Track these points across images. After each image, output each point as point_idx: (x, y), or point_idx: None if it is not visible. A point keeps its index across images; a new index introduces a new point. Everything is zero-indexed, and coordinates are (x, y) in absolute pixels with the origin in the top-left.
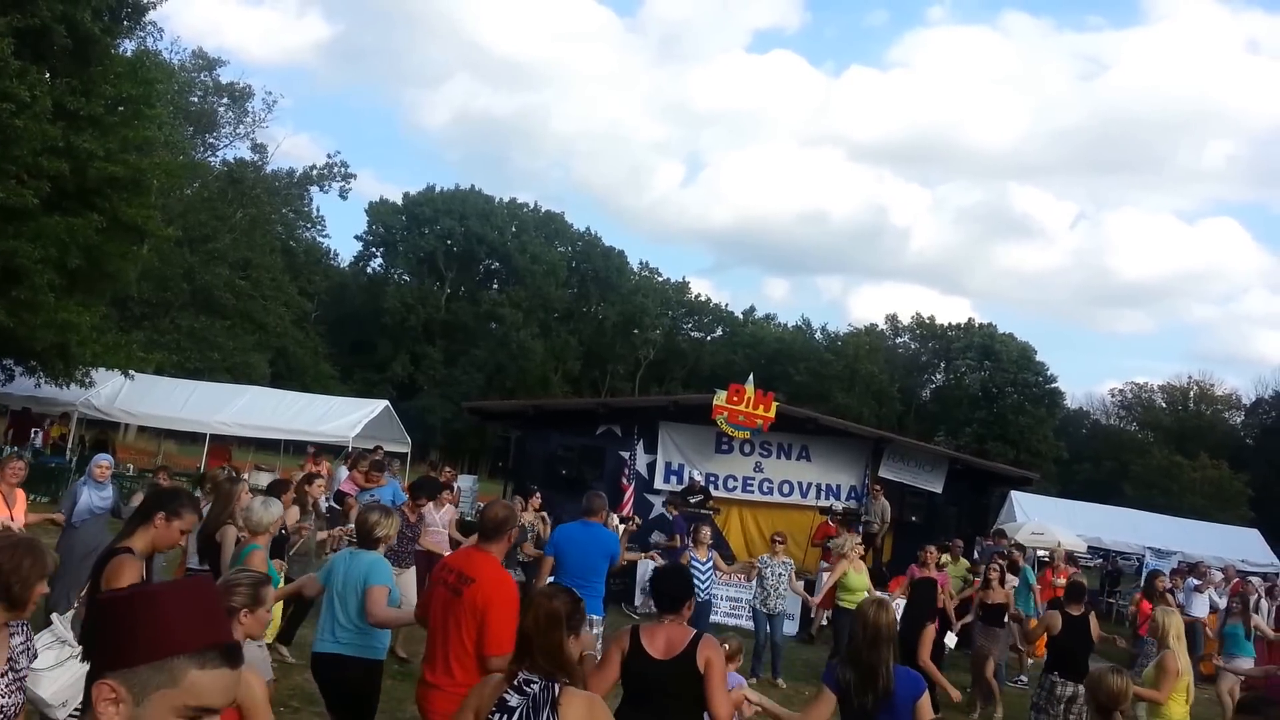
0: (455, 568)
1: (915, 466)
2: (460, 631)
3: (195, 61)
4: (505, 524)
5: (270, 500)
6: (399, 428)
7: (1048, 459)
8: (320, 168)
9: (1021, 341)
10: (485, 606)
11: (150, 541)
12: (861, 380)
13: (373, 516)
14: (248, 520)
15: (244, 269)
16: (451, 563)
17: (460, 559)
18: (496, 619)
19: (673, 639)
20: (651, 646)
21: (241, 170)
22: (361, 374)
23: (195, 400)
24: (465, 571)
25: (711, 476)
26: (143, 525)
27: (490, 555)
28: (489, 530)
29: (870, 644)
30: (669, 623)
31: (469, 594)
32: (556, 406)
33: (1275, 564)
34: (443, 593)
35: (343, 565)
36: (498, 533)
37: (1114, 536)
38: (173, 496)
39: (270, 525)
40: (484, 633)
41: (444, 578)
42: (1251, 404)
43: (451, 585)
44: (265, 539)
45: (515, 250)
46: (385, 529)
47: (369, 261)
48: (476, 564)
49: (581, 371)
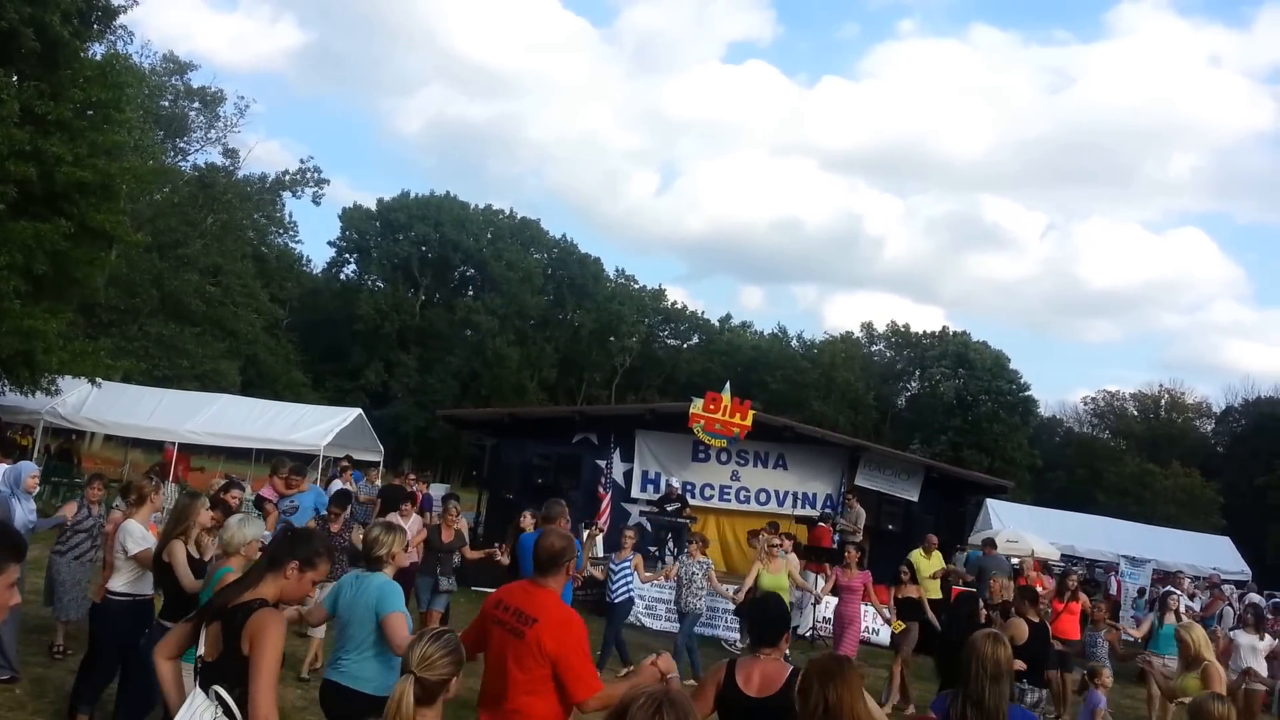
0: (512, 605)
1: (891, 475)
2: (529, 675)
3: (166, 65)
4: (562, 555)
5: (249, 518)
6: (372, 436)
7: (1022, 467)
8: (293, 173)
9: (995, 350)
10: (556, 651)
11: (279, 593)
12: (837, 388)
13: (374, 533)
14: (222, 539)
15: (214, 275)
16: (507, 599)
17: (517, 595)
18: (572, 661)
19: (769, 675)
20: (746, 684)
21: (212, 175)
22: (334, 382)
23: (163, 409)
24: (525, 610)
25: (688, 485)
26: (272, 573)
27: (550, 590)
28: (545, 562)
29: (992, 680)
30: (765, 657)
31: (532, 635)
32: (532, 414)
33: (1246, 571)
34: (500, 632)
35: (349, 590)
36: (554, 565)
37: (1087, 544)
38: (307, 542)
39: (246, 546)
40: (564, 679)
41: (499, 616)
42: (1222, 412)
43: (510, 625)
44: (239, 561)
45: (491, 257)
46: (388, 546)
47: (342, 268)
48: (539, 602)
49: (557, 379)
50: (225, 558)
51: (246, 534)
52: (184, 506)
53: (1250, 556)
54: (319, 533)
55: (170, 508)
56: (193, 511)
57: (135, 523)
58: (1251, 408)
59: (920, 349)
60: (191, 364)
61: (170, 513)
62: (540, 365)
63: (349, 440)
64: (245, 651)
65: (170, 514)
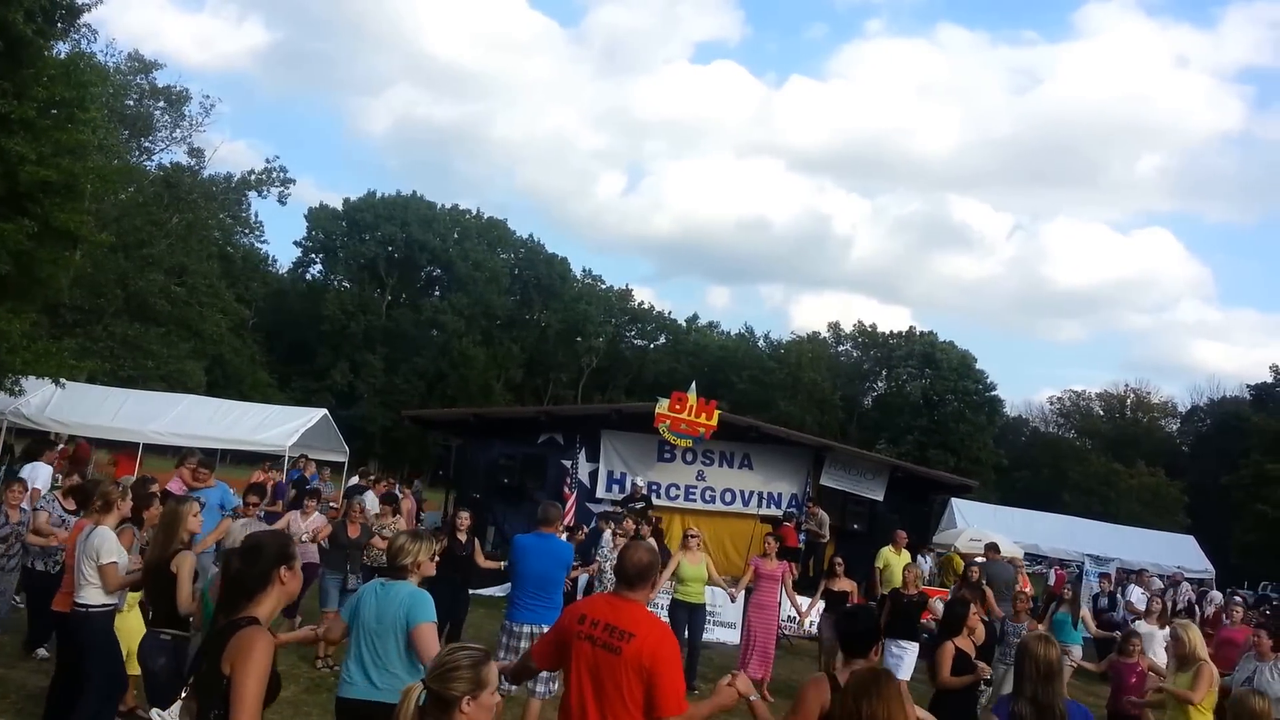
0: (601, 620)
1: (856, 474)
2: (622, 693)
3: (131, 64)
4: (650, 569)
5: (250, 524)
6: (337, 436)
7: (988, 466)
8: (259, 173)
9: (962, 350)
10: (653, 665)
11: (275, 605)
12: (804, 388)
13: (400, 540)
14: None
15: (179, 275)
16: (592, 614)
17: (605, 610)
18: (668, 676)
19: None
20: None
21: (178, 175)
22: (300, 382)
23: (128, 409)
24: (618, 625)
25: (654, 485)
26: (263, 589)
27: (639, 604)
28: (634, 577)
29: (1045, 679)
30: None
31: (631, 651)
32: (498, 415)
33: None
34: (588, 649)
35: (373, 599)
36: (642, 580)
37: (1052, 543)
38: (284, 541)
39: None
40: (656, 693)
41: (586, 631)
42: (1187, 412)
43: (601, 641)
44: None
45: (457, 257)
46: (413, 555)
47: (308, 268)
48: (632, 616)
49: (524, 379)
50: None
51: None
52: (175, 512)
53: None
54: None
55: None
56: (185, 517)
57: (109, 530)
58: (1216, 407)
59: (887, 349)
60: (156, 364)
61: (161, 520)
62: (507, 365)
63: (314, 441)
64: (225, 671)
65: (162, 522)
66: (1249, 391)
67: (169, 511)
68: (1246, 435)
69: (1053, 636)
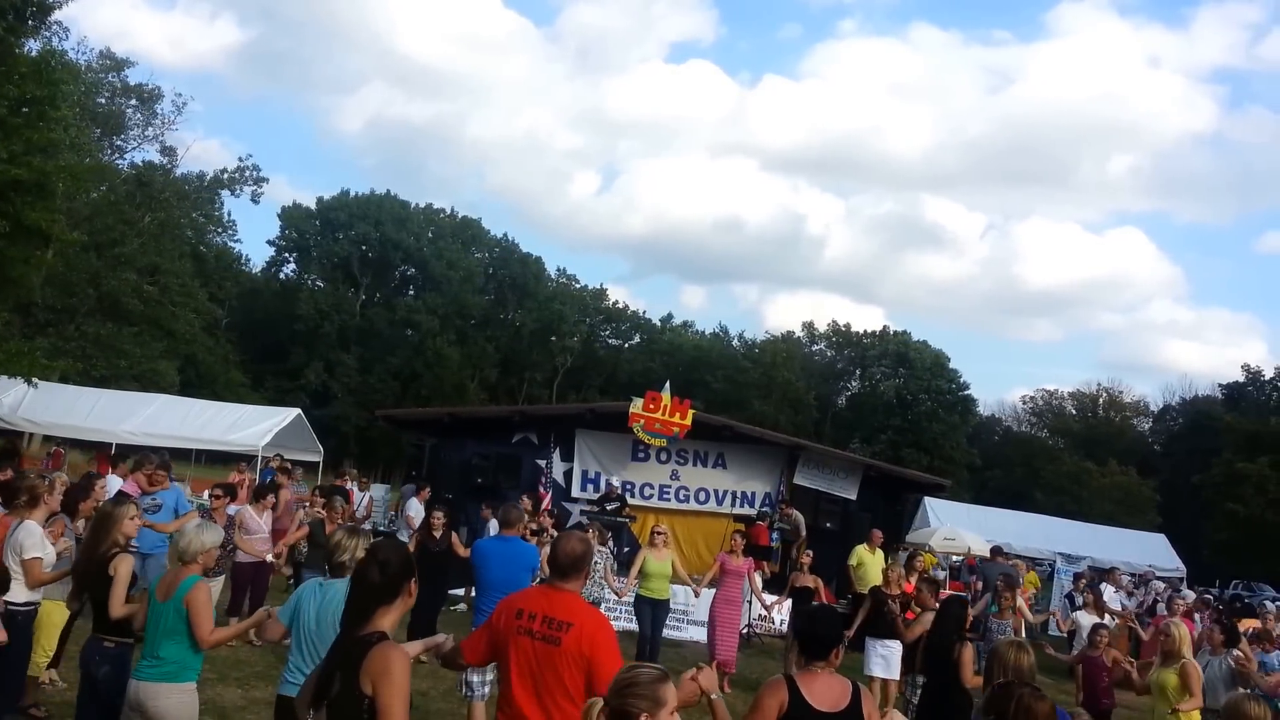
0: (538, 612)
1: (830, 474)
2: (564, 682)
3: (102, 62)
4: (584, 560)
5: (206, 524)
6: (311, 436)
7: (961, 465)
8: (231, 171)
9: (935, 349)
10: (592, 652)
11: (398, 618)
12: (778, 388)
13: (337, 537)
14: (179, 546)
15: (152, 274)
16: (529, 606)
17: (539, 602)
18: (606, 662)
19: (833, 689)
20: (813, 698)
21: (150, 173)
22: (273, 382)
23: (101, 409)
24: (555, 616)
25: (628, 484)
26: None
27: (574, 594)
28: (567, 567)
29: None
30: (822, 671)
31: (569, 641)
32: (472, 414)
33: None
34: (527, 642)
35: (313, 599)
36: (576, 570)
37: (1025, 542)
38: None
39: (205, 552)
40: (595, 679)
41: (524, 625)
42: (1159, 411)
43: (540, 633)
44: (198, 569)
45: (431, 256)
46: (350, 551)
47: (281, 267)
48: (567, 607)
49: (498, 379)
50: (185, 566)
51: (204, 540)
52: (108, 515)
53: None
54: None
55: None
56: (120, 519)
57: (35, 525)
58: (1188, 406)
59: (861, 348)
60: (129, 364)
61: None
62: (481, 365)
63: (288, 440)
64: (367, 691)
65: (97, 522)
66: (1221, 391)
67: (101, 513)
68: (1218, 434)
69: (1025, 642)
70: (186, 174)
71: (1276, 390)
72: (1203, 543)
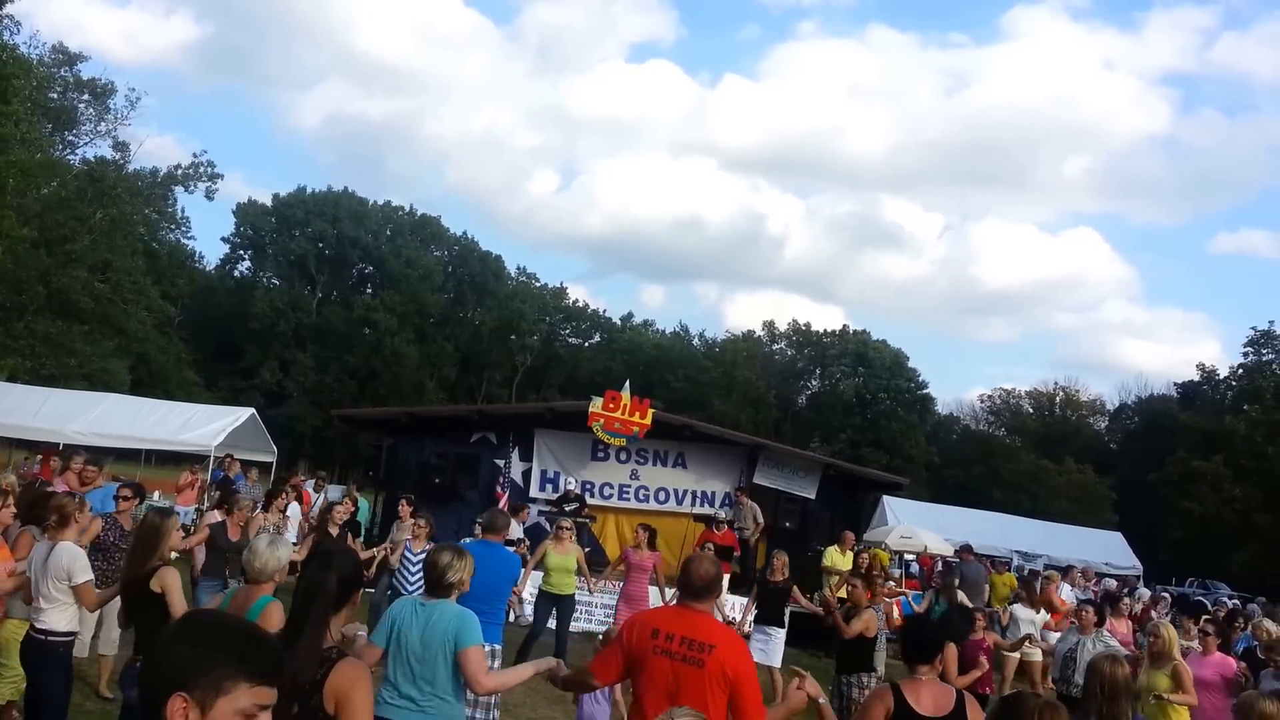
0: (675, 633)
1: (789, 473)
2: (704, 702)
3: (55, 56)
4: (717, 581)
5: (277, 539)
6: (265, 436)
7: (919, 464)
8: (185, 167)
9: (894, 348)
10: (736, 676)
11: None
12: (739, 387)
13: (444, 558)
14: (250, 565)
15: (103, 272)
16: (663, 627)
17: (676, 622)
18: (749, 686)
19: (937, 695)
20: (918, 704)
21: (102, 169)
22: (227, 381)
23: (49, 408)
24: (696, 638)
25: (588, 484)
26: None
27: (708, 614)
28: (701, 589)
29: (1110, 699)
30: (925, 677)
31: (714, 662)
32: (430, 414)
33: (1137, 566)
34: (666, 663)
35: (414, 620)
36: (710, 591)
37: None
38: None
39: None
40: (740, 703)
41: (662, 646)
42: (1115, 409)
43: (680, 654)
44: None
45: (390, 254)
46: (460, 572)
47: (236, 264)
48: (707, 628)
49: (457, 378)
50: (258, 586)
51: (280, 556)
52: (157, 527)
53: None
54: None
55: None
56: (168, 532)
57: (74, 545)
58: (1144, 405)
59: (821, 348)
60: (79, 362)
61: (140, 534)
62: (440, 364)
63: (241, 440)
64: (330, 710)
65: (141, 536)
66: (1176, 390)
67: (148, 525)
68: (1174, 433)
69: (1119, 656)
70: (139, 170)
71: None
72: (1159, 541)
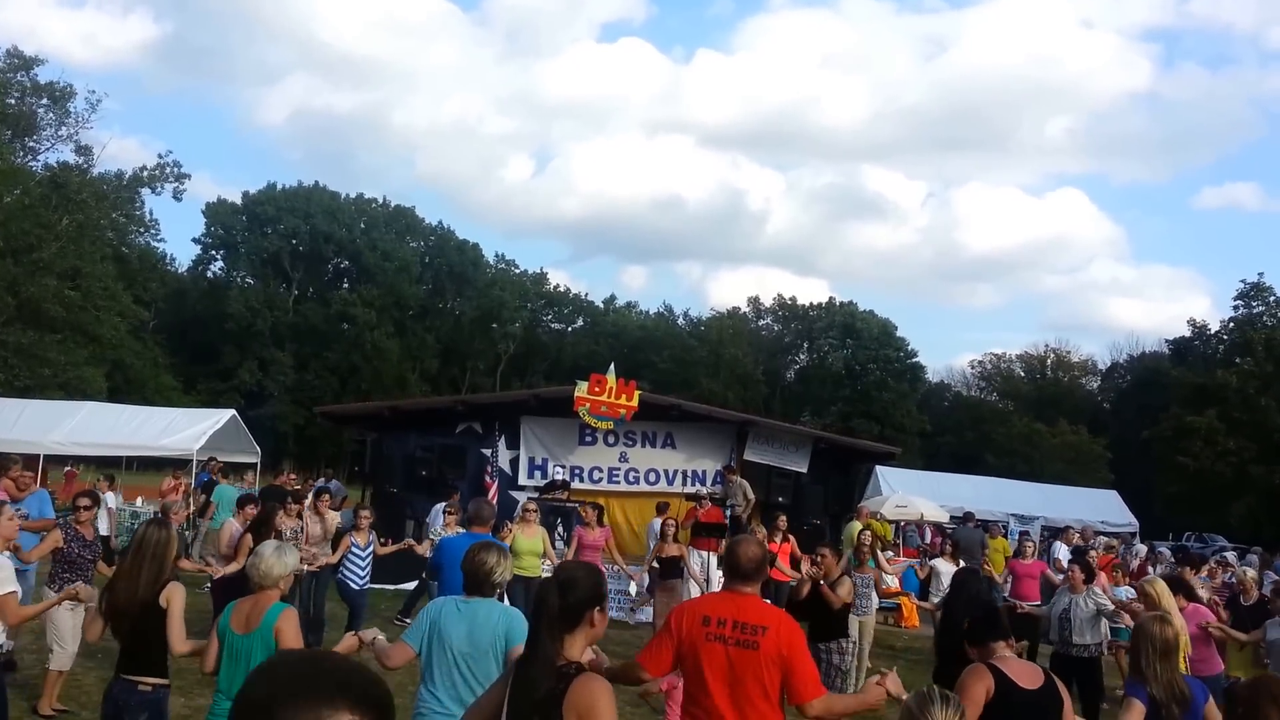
0: (727, 618)
1: (780, 448)
2: (763, 686)
3: (10, 61)
4: (764, 563)
5: (284, 546)
6: (247, 438)
7: (912, 433)
8: (151, 169)
9: (882, 318)
10: (790, 654)
11: (583, 648)
12: (726, 364)
13: (488, 557)
14: (255, 571)
15: (73, 279)
16: (714, 613)
17: (726, 607)
18: (803, 662)
19: (1028, 669)
20: (1020, 679)
21: (65, 174)
22: (206, 383)
23: (26, 420)
24: (748, 621)
25: (576, 469)
26: (572, 630)
27: (757, 596)
28: (750, 572)
29: (1163, 657)
30: (1010, 653)
31: (768, 644)
32: (413, 407)
33: (1133, 524)
34: (720, 649)
35: (458, 619)
36: (758, 573)
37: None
38: (599, 578)
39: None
40: (796, 680)
41: (714, 631)
42: (1107, 369)
43: (734, 639)
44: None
45: (365, 247)
46: (502, 570)
47: (209, 265)
48: (757, 610)
49: (440, 370)
50: (266, 592)
51: (288, 564)
52: (165, 541)
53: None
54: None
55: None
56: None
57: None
58: (1136, 363)
59: (808, 321)
60: (54, 372)
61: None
62: (422, 356)
63: (223, 443)
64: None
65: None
66: (1167, 346)
67: (158, 540)
68: (1166, 389)
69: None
70: (104, 173)
71: (1222, 343)
72: (1154, 497)
